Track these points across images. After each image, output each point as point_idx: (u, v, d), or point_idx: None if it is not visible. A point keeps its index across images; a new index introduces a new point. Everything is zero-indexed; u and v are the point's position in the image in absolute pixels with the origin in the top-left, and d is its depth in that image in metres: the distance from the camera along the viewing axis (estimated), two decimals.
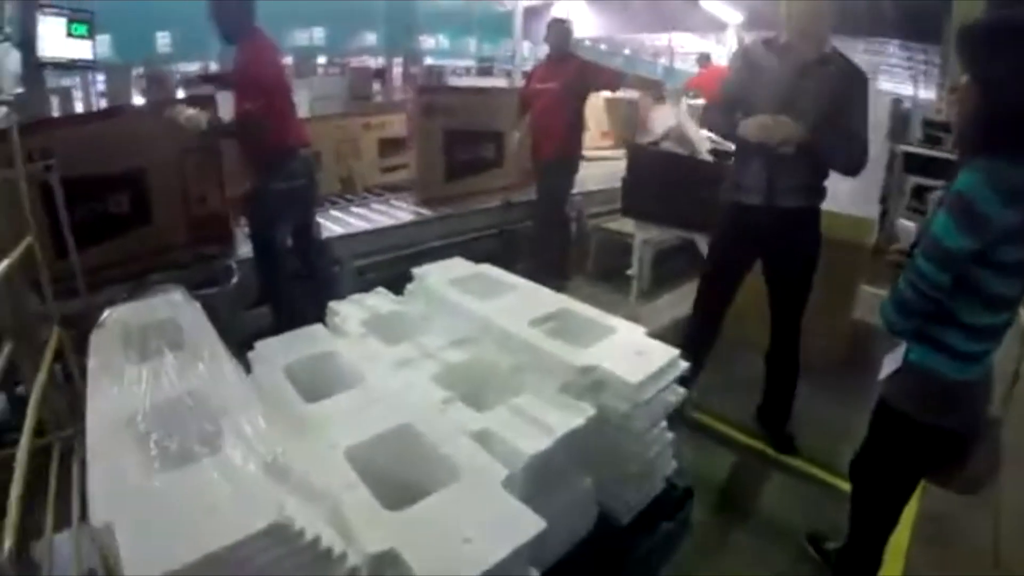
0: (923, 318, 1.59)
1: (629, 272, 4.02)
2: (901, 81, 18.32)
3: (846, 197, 2.87)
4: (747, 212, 2.63)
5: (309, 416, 1.64)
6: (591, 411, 1.65)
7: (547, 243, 4.52)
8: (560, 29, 4.58)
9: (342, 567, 1.12)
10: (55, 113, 7.22)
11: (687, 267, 4.17)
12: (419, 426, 1.57)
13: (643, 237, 3.89)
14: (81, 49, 4.76)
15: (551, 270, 4.46)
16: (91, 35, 4.82)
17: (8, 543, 1.21)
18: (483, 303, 2.15)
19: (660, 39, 16.49)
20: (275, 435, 1.35)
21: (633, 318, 3.75)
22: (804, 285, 2.71)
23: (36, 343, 2.33)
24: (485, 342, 2.00)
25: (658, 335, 1.94)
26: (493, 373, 1.90)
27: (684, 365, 1.90)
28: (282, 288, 3.25)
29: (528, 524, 1.22)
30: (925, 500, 2.33)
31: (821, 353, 3.36)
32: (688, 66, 17.74)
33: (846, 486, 2.04)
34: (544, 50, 4.83)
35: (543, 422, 1.60)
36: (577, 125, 4.49)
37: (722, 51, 14.73)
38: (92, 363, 1.67)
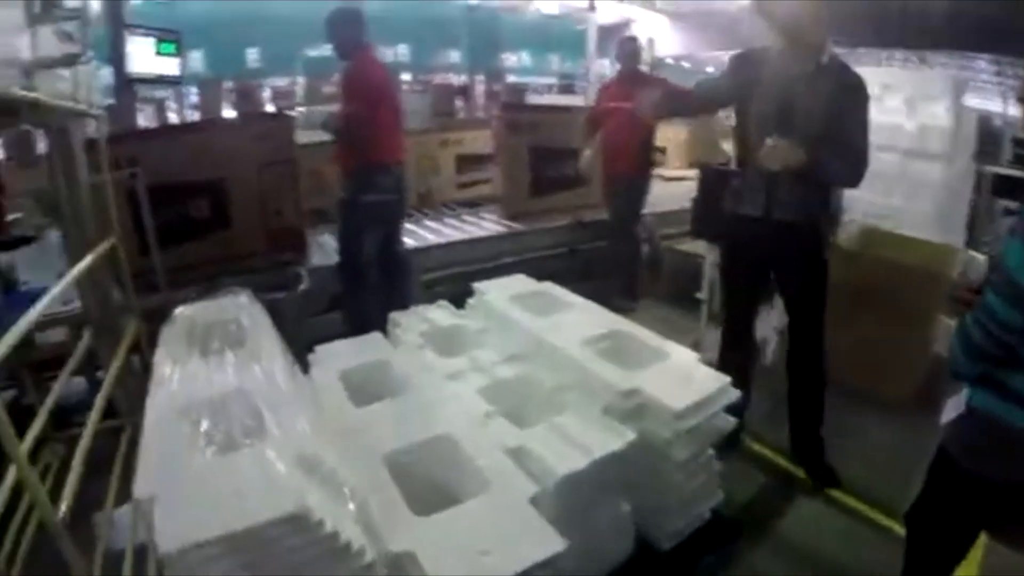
0: (991, 362, 1.49)
1: (699, 295, 3.93)
2: (989, 97, 17.27)
3: (927, 221, 2.66)
4: (747, 224, 2.53)
5: (355, 419, 1.72)
6: (631, 436, 1.66)
7: (617, 263, 4.48)
8: (629, 47, 4.53)
9: (359, 562, 1.16)
10: (150, 122, 7.77)
11: None
12: (458, 437, 1.62)
13: (714, 260, 3.81)
14: (168, 66, 5.11)
15: (621, 291, 4.43)
16: (178, 53, 5.16)
17: (63, 508, 1.31)
18: (539, 320, 2.19)
19: None
20: (314, 433, 1.41)
21: (701, 342, 3.75)
22: (814, 301, 2.56)
23: (116, 333, 2.49)
24: (536, 359, 2.04)
25: None
26: (538, 390, 1.93)
27: (735, 393, 1.87)
28: (360, 297, 3.34)
29: (548, 543, 1.24)
30: (989, 558, 2.17)
31: (896, 388, 3.19)
32: None
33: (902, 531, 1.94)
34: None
35: (581, 443, 1.62)
36: (647, 144, 4.42)
37: None
38: (158, 354, 1.80)
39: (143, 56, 4.83)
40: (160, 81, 5.57)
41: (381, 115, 3.24)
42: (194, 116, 8.86)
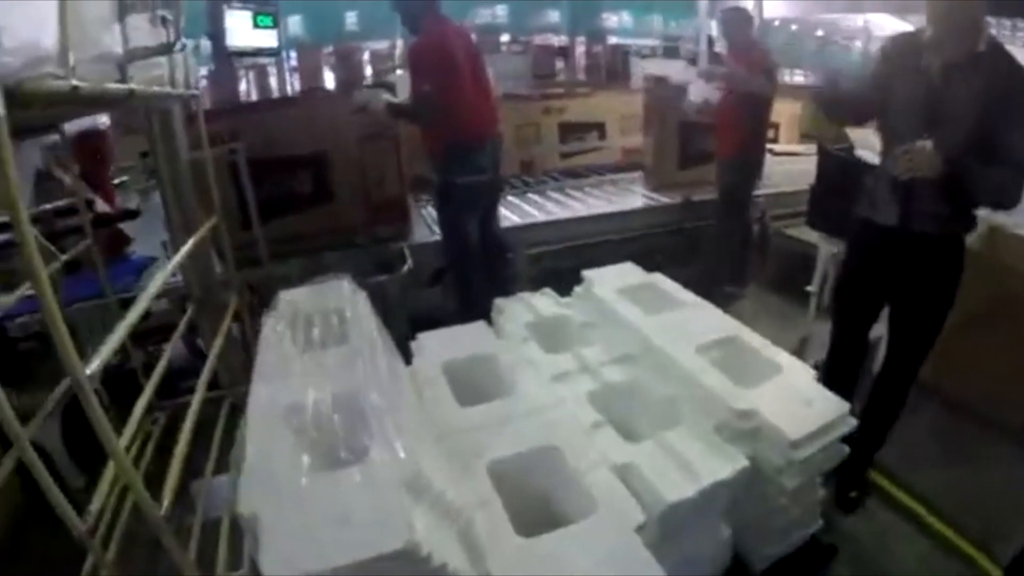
0: None
1: (809, 288, 3.74)
2: None
3: None
4: (877, 232, 2.26)
5: (460, 420, 1.70)
6: (743, 462, 1.60)
7: (725, 246, 4.29)
8: (736, 18, 4.16)
9: None
10: (252, 87, 7.99)
11: None
12: (565, 449, 1.58)
13: (828, 251, 3.60)
14: (266, 38, 5.18)
15: (729, 275, 4.28)
16: (275, 25, 5.22)
17: (166, 504, 1.36)
18: (649, 318, 2.12)
19: (855, 20, 14.98)
20: (421, 445, 1.40)
21: (810, 339, 3.58)
22: (932, 326, 2.27)
23: (218, 307, 2.56)
24: (646, 363, 1.98)
25: None
26: (649, 399, 1.88)
27: (852, 422, 1.77)
28: (465, 279, 3.28)
29: None
30: None
31: (1000, 409, 2.85)
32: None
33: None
34: None
35: (691, 467, 1.56)
36: (760, 123, 4.15)
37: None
38: (261, 346, 1.81)
39: (241, 29, 4.93)
40: (258, 54, 5.68)
41: (460, 90, 3.08)
42: (294, 80, 9.07)
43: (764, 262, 4.65)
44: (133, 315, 1.44)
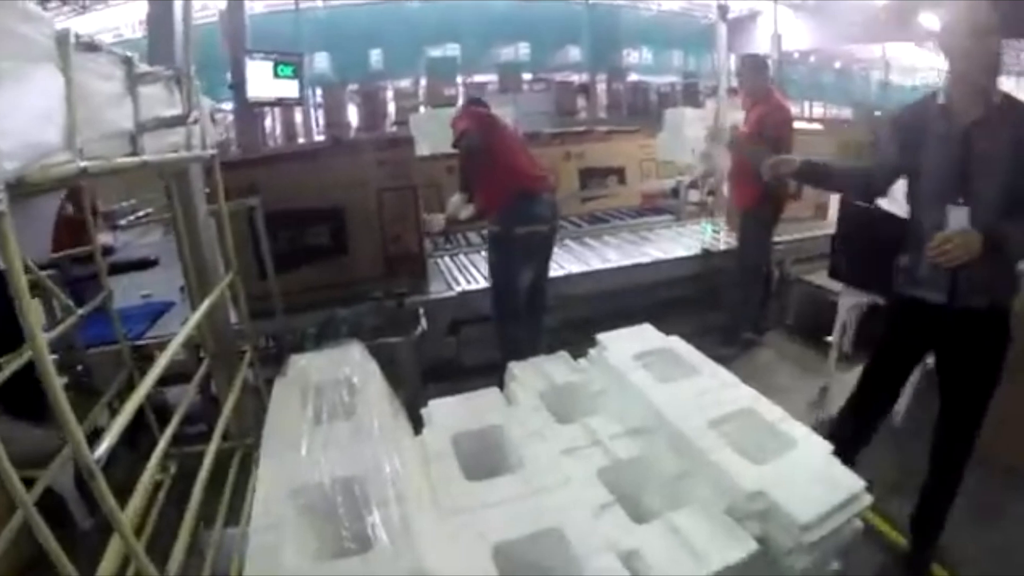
0: None
1: (829, 339, 3.69)
2: None
3: None
4: (922, 310, 2.17)
5: (466, 497, 1.69)
6: (753, 545, 1.57)
7: (744, 293, 4.27)
8: (753, 65, 4.17)
9: None
10: (276, 123, 8.12)
11: None
12: (569, 533, 1.56)
13: (850, 302, 3.56)
14: (287, 88, 5.30)
15: (747, 322, 4.25)
16: (296, 75, 5.32)
17: (185, 534, 1.39)
18: (663, 387, 2.10)
19: (874, 49, 14.93)
20: (425, 526, 1.41)
21: (829, 388, 3.53)
22: (983, 395, 2.19)
23: (232, 359, 2.58)
24: (657, 437, 1.96)
25: None
26: (659, 476, 1.86)
27: (868, 499, 1.74)
28: (514, 331, 3.33)
29: None
30: None
31: None
32: (903, 78, 16.00)
33: None
34: None
35: (700, 551, 1.54)
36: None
37: (942, 62, 13.11)
38: (271, 415, 1.84)
39: (262, 79, 5.06)
40: (279, 104, 5.80)
41: (507, 147, 3.27)
42: (319, 115, 9.24)
43: (784, 308, 4.62)
44: (142, 390, 1.45)
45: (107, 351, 2.78)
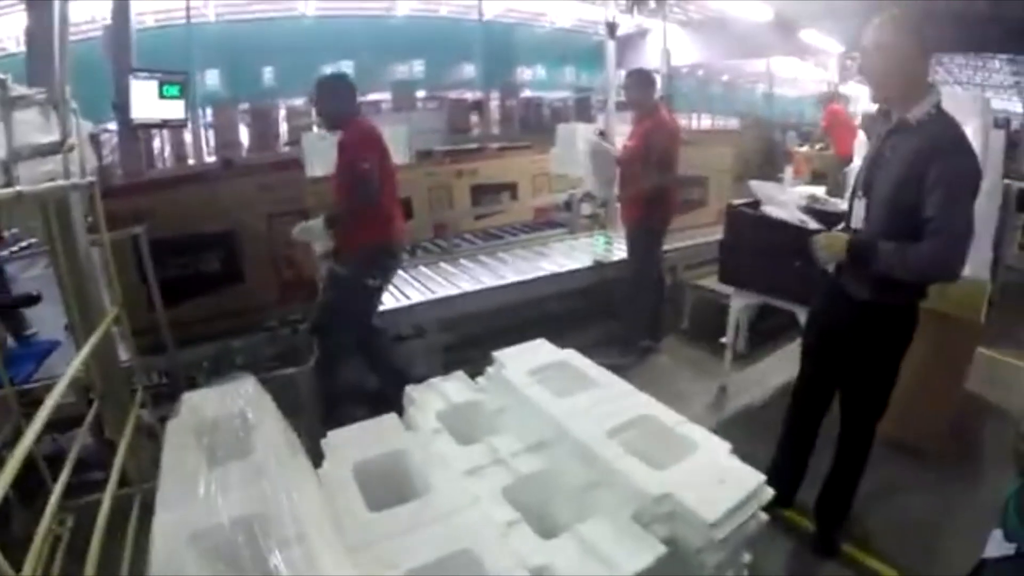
0: None
1: (723, 340, 3.82)
2: (1008, 99, 17.15)
3: None
4: (828, 292, 2.36)
5: (371, 528, 1.62)
6: (661, 549, 1.57)
7: (638, 303, 4.31)
8: (639, 81, 4.19)
9: None
10: (165, 145, 7.72)
11: (788, 325, 3.96)
12: (479, 553, 1.52)
13: (740, 304, 3.70)
14: (172, 109, 5.01)
15: (643, 330, 4.32)
16: (182, 95, 5.06)
17: None
18: (562, 401, 2.09)
19: (759, 63, 15.98)
20: (331, 566, 1.36)
21: (727, 387, 3.65)
22: (876, 398, 2.33)
23: (124, 400, 2.46)
24: (560, 449, 1.94)
25: (755, 409, 1.73)
26: (564, 489, 1.84)
27: (769, 493, 1.77)
28: (334, 367, 3.20)
29: None
30: None
31: (923, 440, 3.07)
32: (784, 90, 17.14)
33: None
34: None
35: (608, 558, 1.53)
36: (660, 189, 4.07)
37: (824, 75, 14.15)
38: (165, 459, 1.73)
39: (146, 100, 4.77)
40: (164, 126, 5.52)
41: (385, 185, 3.14)
42: (209, 135, 8.85)
43: (679, 314, 4.76)
44: (29, 438, 1.40)
45: None
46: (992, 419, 3.46)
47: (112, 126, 5.52)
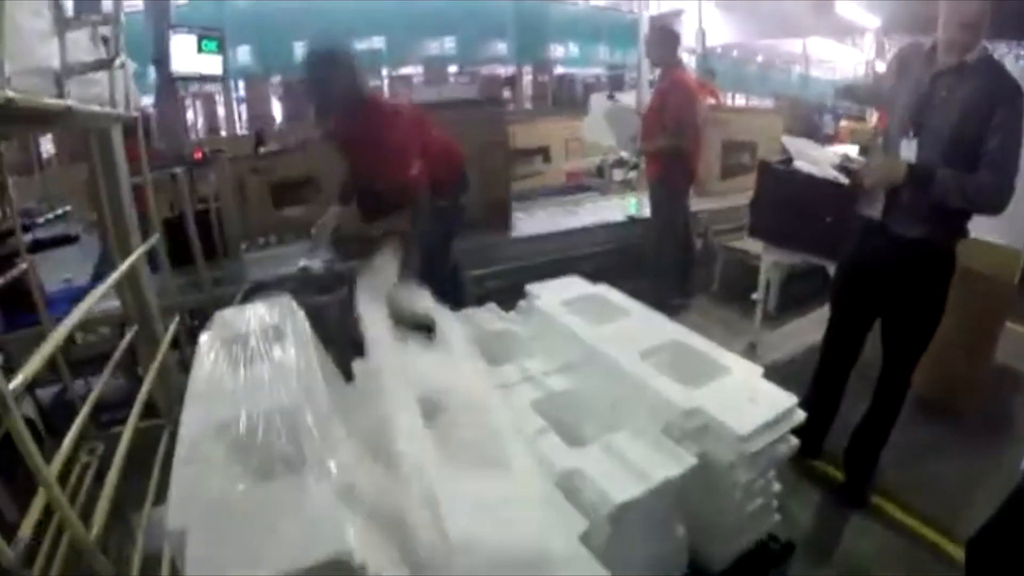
0: None
1: (754, 297, 3.78)
2: None
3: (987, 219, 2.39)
4: (867, 235, 2.36)
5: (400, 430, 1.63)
6: (691, 460, 1.56)
7: (666, 260, 4.28)
8: (660, 38, 4.15)
9: None
10: (198, 116, 7.79)
11: (819, 290, 3.92)
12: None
13: (771, 260, 3.65)
14: (211, 64, 5.05)
15: (673, 288, 4.29)
16: (220, 51, 5.12)
17: (97, 527, 1.31)
18: (594, 328, 2.08)
19: (794, 45, 15.64)
20: (356, 455, 1.36)
21: (757, 345, 3.61)
22: (920, 335, 2.34)
23: (157, 333, 2.47)
24: (590, 370, 1.93)
25: (783, 365, 1.75)
26: (594, 404, 1.84)
27: (801, 415, 1.76)
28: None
29: None
30: None
31: (954, 401, 3.05)
32: (823, 73, 16.76)
33: (961, 556, 1.84)
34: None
35: (638, 467, 1.53)
36: (682, 148, 4.04)
37: (860, 57, 13.80)
38: (196, 364, 1.73)
39: (185, 54, 4.84)
40: (203, 79, 5.59)
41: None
42: (242, 110, 8.97)
43: (711, 274, 4.73)
44: (63, 329, 1.40)
45: (28, 335, 2.62)
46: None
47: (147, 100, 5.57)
